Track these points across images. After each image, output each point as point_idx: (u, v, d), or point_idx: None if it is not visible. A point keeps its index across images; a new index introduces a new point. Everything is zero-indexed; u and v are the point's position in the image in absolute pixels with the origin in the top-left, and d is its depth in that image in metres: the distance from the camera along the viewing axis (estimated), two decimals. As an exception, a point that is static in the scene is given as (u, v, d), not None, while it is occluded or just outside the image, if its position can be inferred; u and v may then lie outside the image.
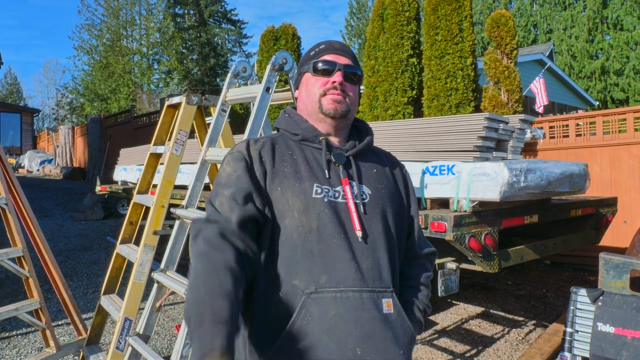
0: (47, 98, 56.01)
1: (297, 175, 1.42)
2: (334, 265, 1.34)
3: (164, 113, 3.53)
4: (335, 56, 1.52)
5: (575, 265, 7.40)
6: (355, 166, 1.49)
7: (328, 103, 1.48)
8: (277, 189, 1.40)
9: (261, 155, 1.45)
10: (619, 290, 3.08)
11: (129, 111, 20.12)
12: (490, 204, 3.65)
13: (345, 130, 1.56)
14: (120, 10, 34.62)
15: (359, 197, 1.44)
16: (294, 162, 1.45)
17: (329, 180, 1.43)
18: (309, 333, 1.30)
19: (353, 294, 1.33)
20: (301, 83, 1.58)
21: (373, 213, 1.44)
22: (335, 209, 1.39)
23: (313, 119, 1.52)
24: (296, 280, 1.34)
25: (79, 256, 8.12)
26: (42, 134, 31.67)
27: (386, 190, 1.52)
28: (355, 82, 1.53)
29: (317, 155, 1.48)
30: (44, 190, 16.00)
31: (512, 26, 9.55)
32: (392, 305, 1.38)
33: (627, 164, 7.15)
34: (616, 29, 27.88)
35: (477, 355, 4.28)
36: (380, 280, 1.38)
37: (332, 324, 1.30)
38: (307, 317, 1.31)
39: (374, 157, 1.60)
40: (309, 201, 1.38)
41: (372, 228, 1.42)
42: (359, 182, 1.47)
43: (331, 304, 1.31)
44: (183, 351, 2.52)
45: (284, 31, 12.70)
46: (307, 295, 1.32)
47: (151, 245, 3.11)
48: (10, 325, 4.91)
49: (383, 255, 1.41)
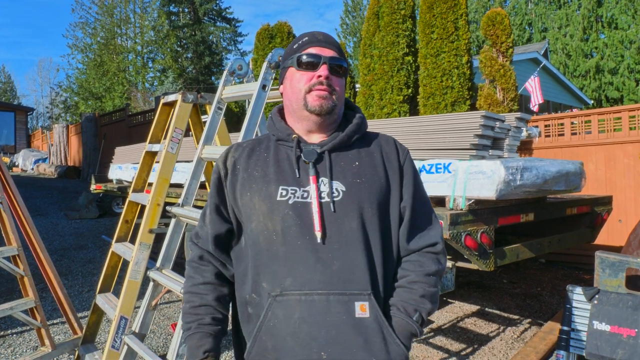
0: (41, 96, 55.94)
1: (265, 178, 1.42)
2: (298, 268, 1.32)
3: (159, 111, 3.51)
4: (320, 49, 1.46)
5: (571, 263, 7.43)
6: (329, 161, 1.42)
7: (313, 100, 1.42)
8: (247, 194, 1.43)
9: (236, 163, 1.50)
10: (614, 289, 3.09)
11: (123, 110, 20.04)
12: (486, 202, 3.65)
13: (333, 125, 1.50)
14: (114, 8, 34.45)
15: (329, 195, 1.37)
16: (265, 165, 1.45)
17: (299, 179, 1.40)
18: (275, 335, 1.32)
19: (319, 296, 1.30)
20: (285, 78, 1.52)
21: (346, 210, 1.37)
22: (301, 210, 1.36)
23: (297, 115, 1.48)
24: (264, 282, 1.36)
25: (74, 255, 8.09)
26: (37, 133, 31.52)
27: (368, 184, 1.41)
28: (341, 74, 1.47)
29: (290, 154, 1.45)
30: (39, 189, 15.92)
31: (508, 24, 9.57)
32: (368, 309, 1.31)
33: (622, 162, 7.17)
34: (611, 28, 27.97)
35: (473, 354, 4.28)
36: (353, 282, 1.32)
37: (296, 327, 1.30)
38: (273, 319, 1.33)
39: (363, 145, 1.50)
40: (273, 204, 1.37)
41: (344, 226, 1.35)
42: (331, 179, 1.40)
43: (295, 307, 1.31)
44: (179, 350, 2.51)
45: (279, 29, 12.68)
46: (273, 297, 1.33)
47: (147, 243, 3.10)
48: (5, 324, 4.88)
49: (358, 255, 1.34)
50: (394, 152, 1.52)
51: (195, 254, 1.52)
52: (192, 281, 1.50)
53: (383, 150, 1.51)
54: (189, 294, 1.49)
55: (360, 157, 1.47)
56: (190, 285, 1.50)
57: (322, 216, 1.35)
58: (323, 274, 1.31)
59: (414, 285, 1.42)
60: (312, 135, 1.49)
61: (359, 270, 1.33)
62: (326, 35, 1.52)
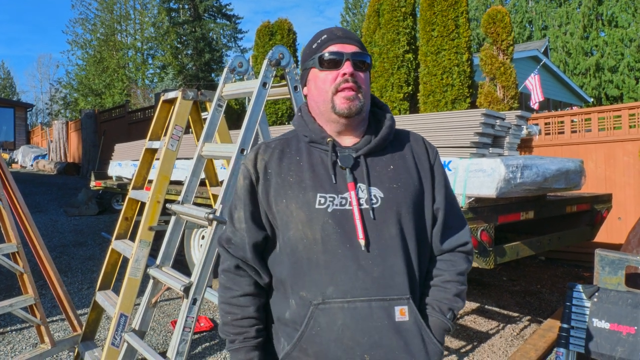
0: (41, 93, 55.91)
1: (302, 185, 1.39)
2: (340, 276, 1.33)
3: (159, 108, 3.51)
4: (341, 45, 1.42)
5: (570, 261, 7.44)
6: (365, 167, 1.40)
7: (341, 102, 1.39)
8: (282, 200, 1.40)
9: (267, 167, 1.45)
10: (614, 287, 3.10)
11: (123, 106, 20.02)
12: (486, 200, 3.65)
13: (362, 125, 1.47)
14: (114, 4, 34.43)
15: (368, 202, 1.37)
16: (299, 170, 1.41)
17: (336, 186, 1.38)
18: (317, 342, 1.33)
19: (361, 303, 1.31)
20: (309, 80, 1.49)
21: (385, 217, 1.37)
22: (340, 218, 1.35)
23: (325, 118, 1.45)
24: (304, 291, 1.36)
25: (73, 252, 8.09)
26: (36, 129, 31.51)
27: (403, 188, 1.41)
28: (365, 69, 1.43)
29: (324, 158, 1.42)
30: (38, 185, 15.91)
31: (508, 22, 9.56)
32: (408, 313, 1.34)
33: (621, 160, 7.18)
34: (611, 26, 27.95)
35: (472, 351, 4.29)
36: (393, 287, 1.34)
37: (339, 334, 1.31)
38: (315, 327, 1.33)
39: (396, 148, 1.49)
40: (312, 212, 1.35)
41: (383, 233, 1.35)
42: (369, 185, 1.38)
43: (338, 314, 1.31)
44: (179, 347, 2.51)
45: (279, 26, 12.66)
46: (315, 306, 1.33)
47: (147, 241, 3.11)
48: (5, 321, 4.88)
49: (398, 261, 1.35)
50: (424, 152, 1.53)
51: (230, 263, 1.49)
52: (231, 293, 1.48)
53: (414, 151, 1.51)
54: (228, 306, 1.48)
55: (394, 160, 1.46)
56: (229, 296, 1.49)
57: (364, 223, 1.35)
58: (364, 281, 1.32)
59: (447, 284, 1.46)
60: (343, 137, 1.46)
61: (398, 276, 1.35)
62: (345, 31, 1.49)
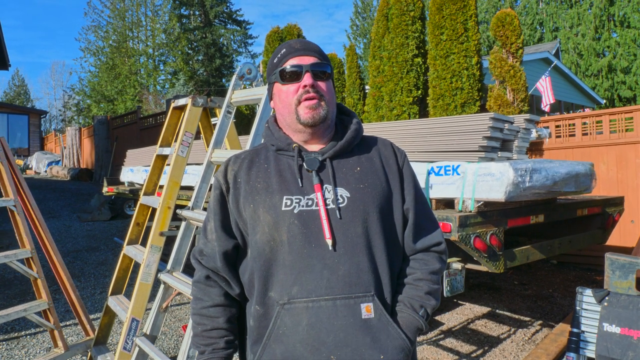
0: (54, 99, 56.38)
1: (269, 190, 1.43)
2: (305, 275, 1.35)
3: (170, 115, 3.55)
4: (299, 58, 1.47)
5: (582, 265, 7.38)
6: (331, 169, 1.45)
7: (305, 112, 1.44)
8: (250, 206, 1.44)
9: (236, 176, 1.51)
10: (625, 291, 3.07)
11: (135, 112, 20.19)
12: (495, 204, 3.65)
13: (328, 132, 1.52)
14: (126, 11, 34.78)
15: (335, 202, 1.40)
16: (267, 177, 1.46)
17: (302, 188, 1.42)
18: (284, 342, 1.35)
19: (325, 302, 1.33)
20: (274, 94, 1.54)
21: (351, 216, 1.40)
22: (306, 218, 1.38)
23: (292, 129, 1.50)
24: (272, 292, 1.39)
25: (86, 257, 8.17)
26: (50, 136, 31.84)
27: (370, 188, 1.44)
28: (326, 78, 1.48)
29: (291, 164, 1.47)
30: (52, 191, 16.08)
31: (517, 25, 9.52)
32: (373, 309, 1.35)
33: (634, 162, 7.11)
34: (623, 27, 27.68)
35: (483, 356, 4.27)
36: (359, 285, 1.35)
37: (305, 334, 1.33)
38: (281, 327, 1.35)
39: (363, 151, 1.53)
40: (278, 215, 1.39)
41: (350, 232, 1.38)
42: (335, 185, 1.42)
43: (303, 314, 1.33)
44: (189, 352, 2.54)
45: (289, 32, 12.72)
46: (281, 306, 1.36)
47: (158, 246, 3.14)
48: (19, 326, 4.95)
49: (363, 258, 1.37)
50: (392, 155, 1.56)
51: (201, 275, 1.53)
52: (202, 304, 1.51)
53: (382, 154, 1.54)
54: (199, 317, 1.51)
55: (361, 162, 1.50)
56: (200, 307, 1.52)
57: (331, 223, 1.38)
58: (329, 280, 1.34)
59: (419, 282, 1.47)
60: (310, 145, 1.51)
61: (364, 273, 1.36)
62: (304, 42, 1.53)
